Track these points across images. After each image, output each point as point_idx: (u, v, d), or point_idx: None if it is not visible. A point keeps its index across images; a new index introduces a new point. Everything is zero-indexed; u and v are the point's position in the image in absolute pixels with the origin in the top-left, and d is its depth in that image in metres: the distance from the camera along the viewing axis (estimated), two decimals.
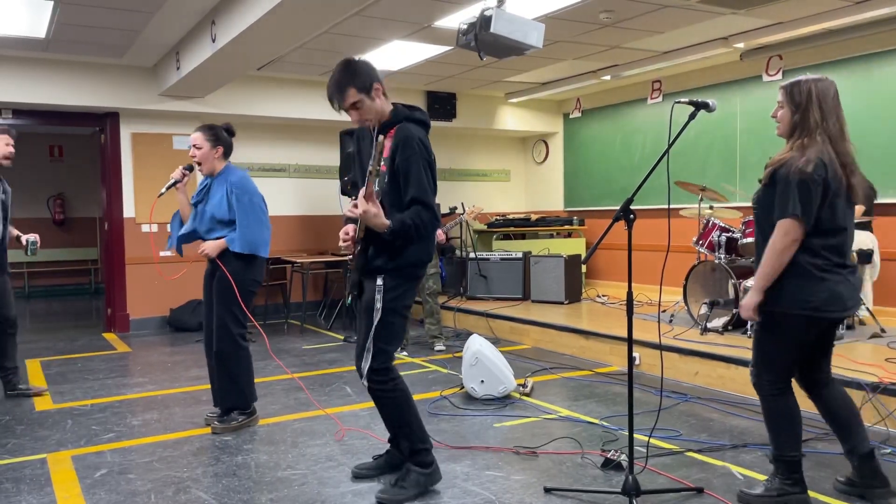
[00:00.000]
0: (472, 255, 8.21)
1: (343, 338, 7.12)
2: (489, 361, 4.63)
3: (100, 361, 6.18)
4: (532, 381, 4.94)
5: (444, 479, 3.19)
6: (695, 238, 6.05)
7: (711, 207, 6.36)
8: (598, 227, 9.08)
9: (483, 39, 4.16)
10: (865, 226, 5.72)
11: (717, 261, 5.72)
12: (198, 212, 4.09)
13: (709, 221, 5.98)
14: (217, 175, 4.05)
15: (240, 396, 4.09)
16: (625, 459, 3.18)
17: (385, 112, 3.02)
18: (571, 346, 6.13)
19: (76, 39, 6.31)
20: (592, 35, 6.34)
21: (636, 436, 3.02)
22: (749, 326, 5.28)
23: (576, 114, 9.50)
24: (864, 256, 5.55)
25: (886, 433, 3.78)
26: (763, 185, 2.89)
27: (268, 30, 5.04)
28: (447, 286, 8.47)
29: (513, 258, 8.06)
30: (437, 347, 6.42)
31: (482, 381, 4.62)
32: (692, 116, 2.94)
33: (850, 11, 5.67)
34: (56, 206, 11.80)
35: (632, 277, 2.96)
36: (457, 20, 5.07)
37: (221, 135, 4.06)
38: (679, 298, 6.38)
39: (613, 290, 8.52)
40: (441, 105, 8.84)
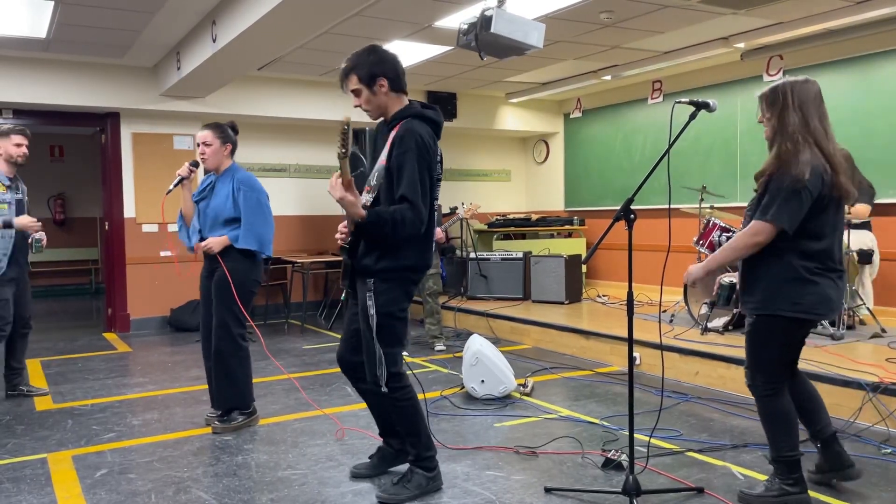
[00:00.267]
0: (473, 255, 8.21)
1: None
2: (489, 361, 4.63)
3: (100, 361, 6.18)
4: (532, 381, 4.94)
5: (445, 479, 3.19)
6: (695, 238, 6.05)
7: (712, 207, 6.36)
8: (599, 227, 9.07)
9: (483, 39, 4.16)
10: (865, 226, 5.72)
11: None
12: (199, 209, 4.11)
13: (709, 221, 5.97)
14: (222, 173, 4.07)
15: (238, 397, 4.09)
16: (625, 459, 3.18)
17: (388, 108, 3.00)
18: (572, 346, 6.13)
19: (77, 39, 6.31)
20: (593, 35, 6.34)
21: (637, 436, 3.02)
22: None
23: (576, 114, 9.50)
24: (864, 256, 5.55)
25: (887, 433, 3.78)
26: (759, 194, 2.90)
27: (268, 30, 5.04)
28: (448, 286, 8.47)
29: (513, 258, 8.06)
30: (438, 347, 6.42)
31: (482, 381, 4.62)
32: (693, 116, 2.94)
33: (850, 11, 5.67)
34: (56, 206, 11.80)
35: (632, 277, 2.96)
36: (457, 20, 5.08)
37: (229, 133, 4.10)
38: (679, 298, 6.38)
39: (614, 290, 8.52)
40: (441, 105, 8.78)
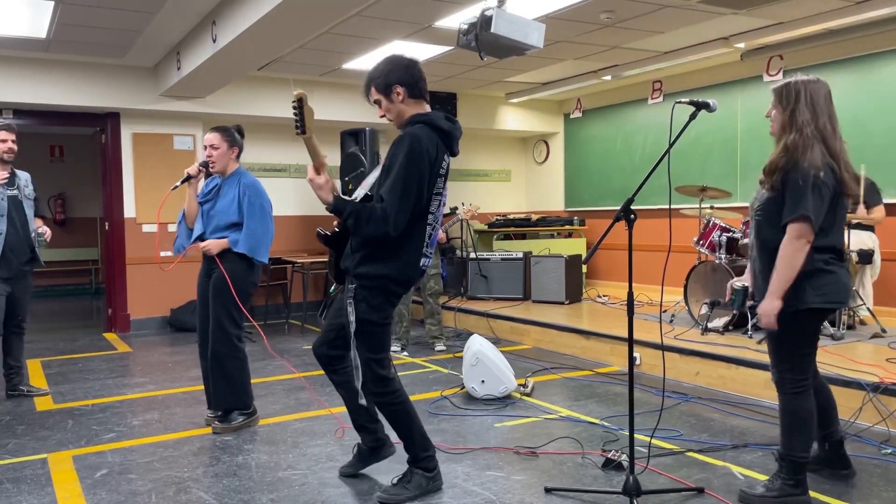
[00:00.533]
0: (473, 256, 8.21)
1: None
2: (490, 361, 4.63)
3: (100, 361, 6.18)
4: (533, 381, 4.94)
5: (445, 479, 3.19)
6: (695, 238, 6.06)
7: (712, 207, 6.36)
8: (599, 228, 9.07)
9: (483, 39, 4.16)
10: (866, 225, 5.71)
11: (718, 261, 5.72)
12: (203, 211, 4.12)
13: (709, 221, 5.97)
14: (228, 176, 4.09)
15: (234, 398, 4.08)
16: (625, 459, 3.18)
17: (404, 114, 3.05)
18: (572, 347, 6.13)
19: (77, 40, 6.31)
20: (593, 35, 6.34)
21: (637, 436, 3.02)
22: (750, 326, 5.28)
23: (576, 114, 9.50)
24: (865, 256, 5.55)
25: (887, 433, 3.77)
26: (770, 192, 2.91)
27: (268, 30, 5.04)
28: (448, 286, 8.47)
29: (513, 258, 8.06)
30: (438, 347, 6.42)
31: (483, 381, 4.62)
32: (693, 116, 2.95)
33: (850, 11, 5.67)
34: (57, 206, 11.80)
35: (632, 277, 2.96)
36: (457, 20, 5.08)
37: (236, 136, 4.13)
38: (680, 298, 6.38)
39: (614, 291, 8.51)
40: (442, 105, 8.82)
